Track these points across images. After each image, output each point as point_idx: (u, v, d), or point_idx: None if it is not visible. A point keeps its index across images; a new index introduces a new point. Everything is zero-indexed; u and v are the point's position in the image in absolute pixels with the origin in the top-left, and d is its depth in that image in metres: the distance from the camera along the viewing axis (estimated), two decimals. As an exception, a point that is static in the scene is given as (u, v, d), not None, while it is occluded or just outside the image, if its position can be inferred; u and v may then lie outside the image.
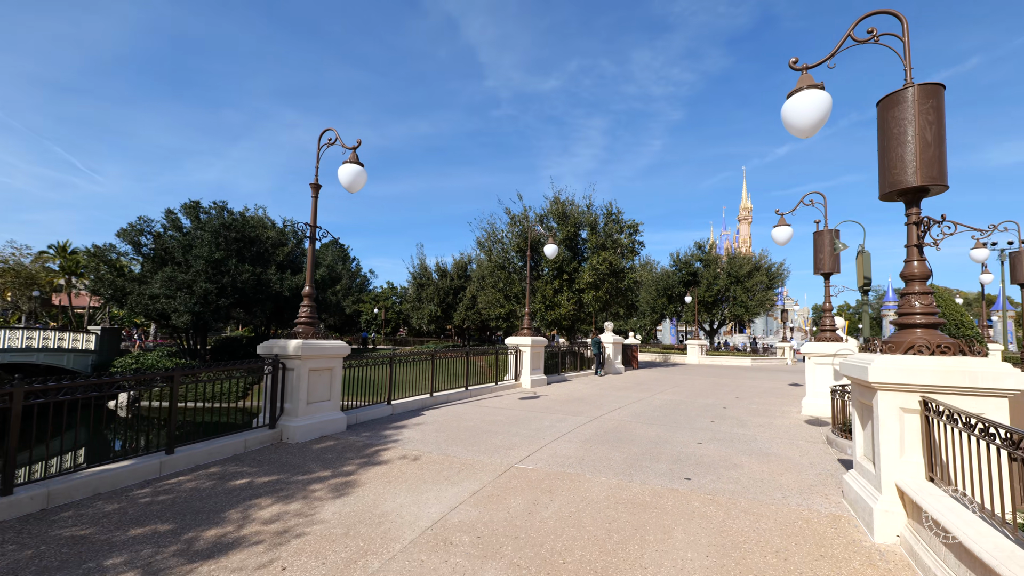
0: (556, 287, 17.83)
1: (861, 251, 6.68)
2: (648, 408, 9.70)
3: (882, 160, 4.22)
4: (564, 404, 10.04)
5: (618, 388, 13.31)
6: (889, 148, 4.12)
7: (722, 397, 11.58)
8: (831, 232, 9.40)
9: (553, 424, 7.83)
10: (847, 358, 4.36)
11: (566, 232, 18.01)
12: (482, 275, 20.36)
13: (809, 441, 6.88)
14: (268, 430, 6.43)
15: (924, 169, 3.94)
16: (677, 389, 13.23)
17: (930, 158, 3.93)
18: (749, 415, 8.97)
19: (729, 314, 32.52)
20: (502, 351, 13.04)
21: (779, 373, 20.68)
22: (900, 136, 4.05)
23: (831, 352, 8.93)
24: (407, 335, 53.14)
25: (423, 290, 34.21)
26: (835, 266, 9.28)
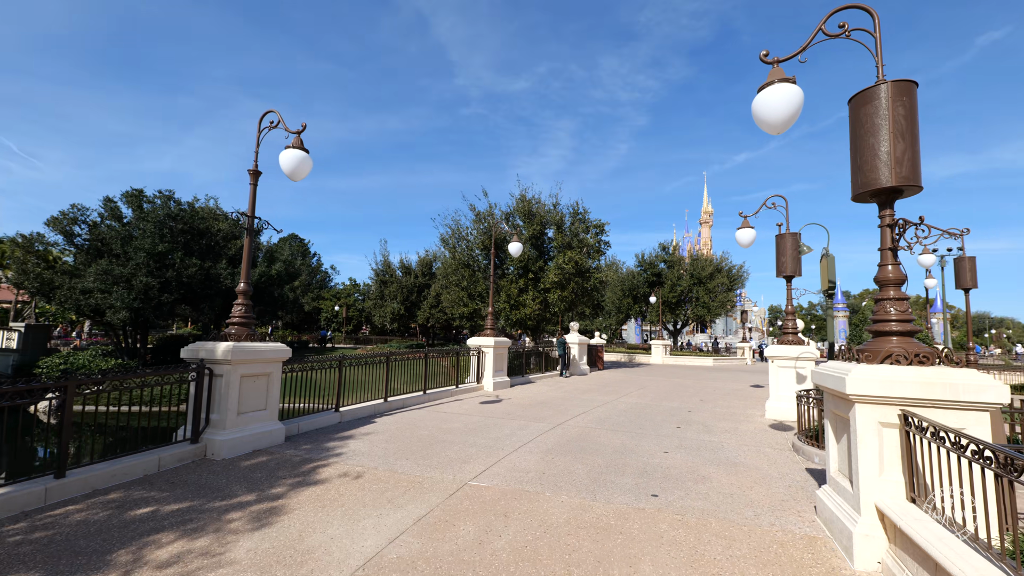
0: (521, 286, 17.44)
1: (825, 254, 6.56)
2: (613, 413, 9.41)
3: (855, 160, 3.98)
4: (527, 409, 9.62)
5: (583, 390, 13.03)
6: (862, 147, 3.88)
7: (687, 400, 11.47)
8: (794, 235, 9.38)
9: (514, 432, 7.38)
10: (821, 366, 4.10)
11: (532, 230, 17.63)
12: (446, 273, 19.76)
13: (775, 448, 6.72)
14: (190, 445, 5.67)
15: (897, 169, 3.70)
16: (642, 391, 13.07)
17: (903, 157, 3.71)
18: (714, 419, 8.82)
19: (692, 314, 33.13)
20: (463, 352, 12.51)
21: (740, 373, 21.06)
22: (873, 134, 3.80)
23: (794, 355, 8.89)
24: (370, 334, 51.63)
25: (386, 287, 33.12)
26: (797, 269, 9.26)
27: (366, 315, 39.36)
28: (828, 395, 4.08)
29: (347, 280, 49.63)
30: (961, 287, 12.93)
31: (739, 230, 9.80)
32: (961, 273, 12.90)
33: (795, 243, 9.35)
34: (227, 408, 5.88)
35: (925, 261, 13.23)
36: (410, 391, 10.11)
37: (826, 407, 4.19)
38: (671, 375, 19.06)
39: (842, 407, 3.76)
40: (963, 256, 12.95)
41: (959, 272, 12.96)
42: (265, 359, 6.31)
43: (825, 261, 6.54)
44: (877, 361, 3.56)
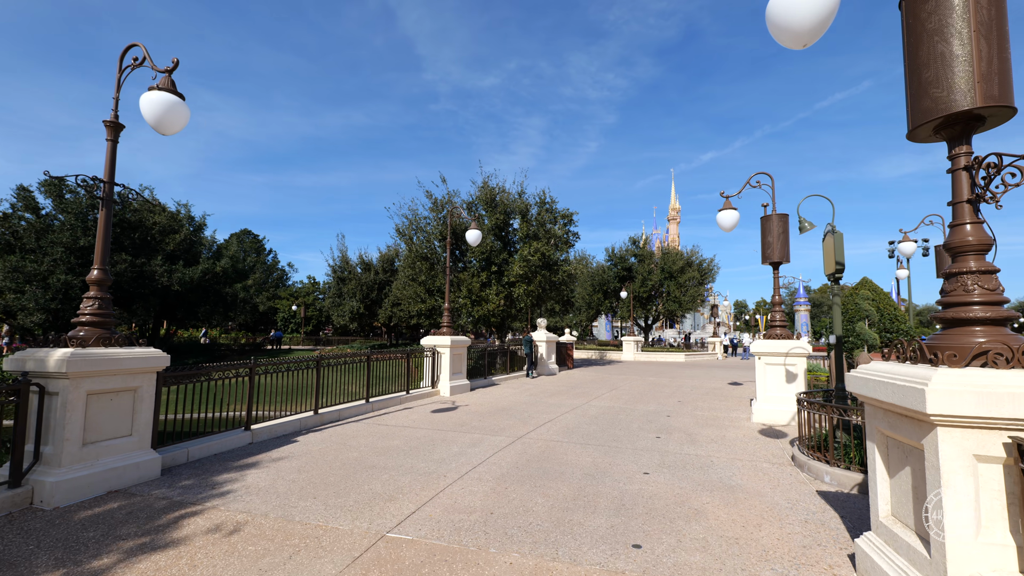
0: (484, 280, 16.11)
1: (831, 231, 5.54)
2: (583, 420, 8.23)
3: (913, 79, 2.85)
4: (485, 418, 8.32)
5: (551, 393, 11.84)
6: (924, 58, 2.75)
7: (664, 402, 10.43)
8: (781, 216, 8.43)
9: (464, 450, 6.07)
10: (863, 370, 2.97)
11: (495, 220, 16.32)
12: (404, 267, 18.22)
13: (773, 462, 5.65)
14: (7, 490, 4.10)
15: (984, 85, 2.59)
16: (615, 393, 11.99)
17: (990, 67, 2.60)
18: (697, 425, 7.75)
19: (663, 309, 32.60)
20: (416, 354, 11.09)
21: (714, 370, 20.42)
22: (942, 36, 2.67)
23: (783, 351, 7.93)
24: (332, 334, 49.18)
25: (344, 285, 31.08)
26: (785, 254, 8.32)
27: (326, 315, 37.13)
28: (877, 409, 2.94)
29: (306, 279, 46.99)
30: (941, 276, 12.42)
31: (720, 212, 8.79)
32: (942, 262, 12.40)
33: (782, 226, 8.40)
34: (64, 437, 4.32)
35: (906, 249, 12.69)
36: (349, 400, 8.65)
37: (870, 423, 3.05)
38: (644, 373, 18.16)
39: (908, 429, 2.61)
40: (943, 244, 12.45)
41: (939, 260, 12.46)
42: (127, 370, 4.76)
43: (831, 239, 5.52)
44: (962, 363, 2.43)
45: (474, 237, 11.43)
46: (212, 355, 25.98)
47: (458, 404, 9.89)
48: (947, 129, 2.80)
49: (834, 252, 5.47)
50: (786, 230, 8.38)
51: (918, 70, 2.81)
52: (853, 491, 4.63)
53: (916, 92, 2.84)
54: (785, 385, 7.93)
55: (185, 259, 25.62)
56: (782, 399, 7.90)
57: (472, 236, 11.43)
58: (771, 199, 8.63)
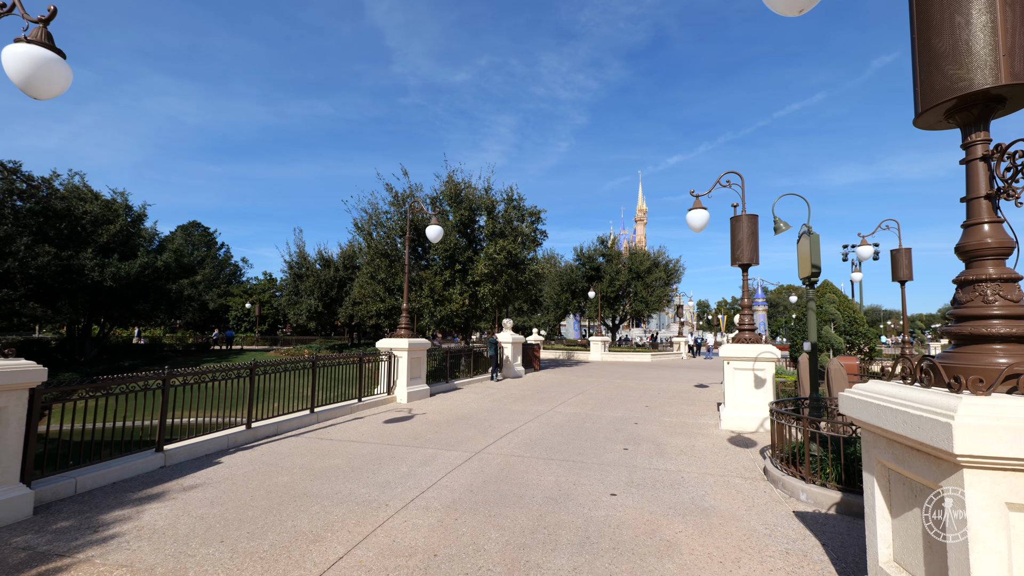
0: (447, 279, 15.41)
1: (807, 232, 5.24)
2: (548, 429, 7.73)
3: (923, 55, 2.44)
4: (442, 429, 7.70)
5: (515, 398, 11.31)
6: (938, 30, 2.35)
7: (631, 407, 10.09)
8: (751, 217, 8.20)
9: (413, 470, 5.44)
10: (867, 390, 2.55)
11: (460, 216, 15.64)
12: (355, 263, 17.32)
13: (745, 477, 5.30)
14: None
15: (1010, 61, 2.21)
16: (582, 397, 11.59)
17: (1015, 41, 2.21)
18: (665, 434, 7.39)
19: (630, 309, 32.75)
20: (370, 357, 10.31)
21: (679, 370, 20.47)
22: (958, 7, 2.29)
23: (752, 355, 7.68)
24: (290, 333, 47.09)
25: (301, 282, 29.50)
26: (754, 256, 8.09)
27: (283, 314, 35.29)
28: (879, 438, 2.53)
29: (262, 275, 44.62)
30: (897, 279, 12.68)
31: (691, 211, 8.48)
32: (898, 265, 12.64)
33: (752, 227, 8.17)
34: None
35: (864, 253, 12.88)
36: (291, 411, 7.83)
37: (869, 452, 2.64)
38: (611, 374, 17.94)
39: (921, 466, 2.19)
40: (900, 248, 12.69)
41: (896, 264, 12.69)
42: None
43: (807, 240, 5.21)
44: (989, 389, 2.02)
45: (435, 233, 10.74)
46: (152, 356, 24.07)
47: (415, 412, 9.21)
48: (962, 112, 2.40)
49: (810, 254, 5.16)
50: (755, 231, 8.15)
51: (929, 43, 2.40)
52: (831, 511, 4.30)
53: (927, 69, 2.43)
54: (754, 391, 7.69)
55: (121, 252, 23.56)
56: (751, 405, 7.65)
57: (432, 232, 10.74)
58: (741, 199, 8.39)
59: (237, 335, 41.13)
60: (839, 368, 6.02)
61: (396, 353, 10.60)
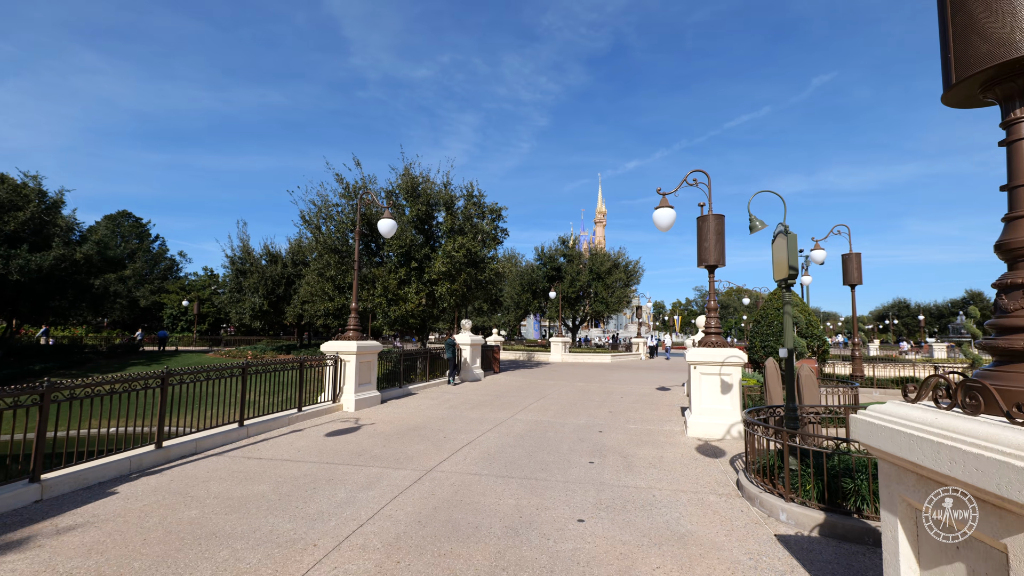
0: (402, 277, 14.53)
1: (784, 231, 4.94)
2: (507, 440, 7.16)
3: (957, 15, 2.05)
4: (391, 442, 6.96)
5: (473, 404, 10.67)
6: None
7: (595, 412, 9.69)
8: (717, 217, 7.97)
9: (353, 496, 4.72)
10: (898, 417, 2.12)
11: (417, 211, 14.78)
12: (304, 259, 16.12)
13: (719, 493, 4.93)
14: None
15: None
16: (543, 402, 11.10)
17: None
18: (632, 444, 6.99)
19: (590, 310, 32.80)
20: (313, 362, 9.38)
21: (640, 372, 20.47)
22: None
23: (719, 360, 7.42)
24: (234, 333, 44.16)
25: (245, 278, 27.43)
26: (721, 257, 7.86)
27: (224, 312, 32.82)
28: (906, 473, 2.10)
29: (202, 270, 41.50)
30: (848, 283, 13.02)
31: (657, 210, 8.16)
32: (848, 269, 12.97)
33: (719, 227, 7.94)
34: None
35: (817, 257, 13.15)
36: (215, 424, 6.86)
37: (889, 487, 2.22)
38: (573, 377, 17.63)
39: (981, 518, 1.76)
40: (850, 253, 13.04)
41: (846, 268, 13.03)
42: None
43: (783, 241, 4.91)
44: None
45: (387, 227, 9.93)
46: (69, 359, 21.57)
47: (362, 422, 8.40)
48: (1005, 84, 2.01)
49: (787, 255, 4.86)
50: (722, 232, 7.92)
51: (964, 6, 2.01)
52: (815, 533, 3.97)
53: (961, 32, 2.03)
54: (721, 396, 7.43)
55: (33, 243, 20.94)
56: (718, 411, 7.39)
57: (385, 226, 9.92)
58: (707, 199, 8.16)
59: (173, 335, 38.06)
60: (809, 374, 5.82)
61: (343, 357, 9.72)
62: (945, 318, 59.00)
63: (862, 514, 3.89)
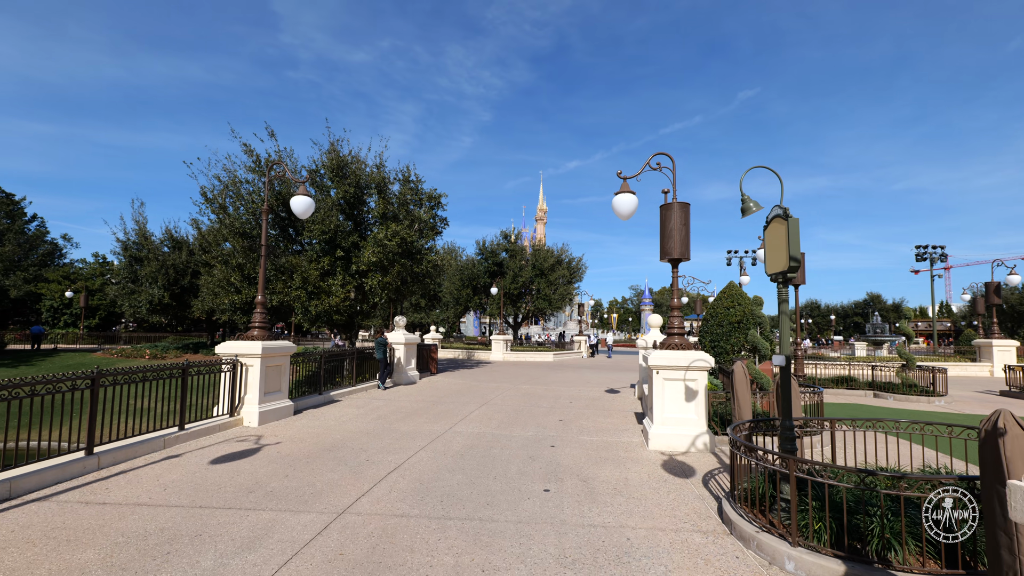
0: (326, 267, 12.71)
1: (782, 215, 4.18)
2: (444, 462, 5.96)
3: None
4: (297, 469, 5.52)
5: (406, 412, 9.33)
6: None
7: (544, 421, 8.71)
8: (682, 206, 7.24)
9: (224, 563, 3.33)
10: None
11: (344, 192, 13.01)
12: (203, 244, 13.85)
13: (705, 532, 4.07)
14: None
15: None
16: (486, 409, 9.97)
17: None
18: (591, 462, 6.06)
19: (533, 307, 32.09)
20: (203, 368, 7.60)
21: (584, 371, 19.93)
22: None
23: (685, 363, 6.69)
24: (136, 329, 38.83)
25: (141, 266, 23.64)
26: (686, 250, 7.14)
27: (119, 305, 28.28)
28: None
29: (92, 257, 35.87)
30: (792, 283, 13.08)
31: (617, 195, 7.33)
32: (791, 269, 13.01)
33: (684, 216, 7.21)
34: None
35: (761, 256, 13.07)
36: (48, 454, 5.05)
37: None
38: (516, 378, 16.67)
39: None
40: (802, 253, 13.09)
41: (790, 268, 13.07)
42: None
43: (781, 226, 4.15)
44: None
45: (302, 206, 8.32)
46: None
47: (265, 441, 6.82)
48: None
49: (787, 243, 4.10)
50: (688, 221, 7.20)
51: None
52: (831, 588, 3.17)
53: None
54: (685, 404, 6.71)
55: None
56: (682, 421, 6.66)
57: (299, 204, 8.30)
58: (672, 185, 7.41)
59: (54, 331, 32.58)
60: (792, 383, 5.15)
61: (245, 360, 8.00)
62: (849, 317, 65.15)
63: (888, 564, 3.14)
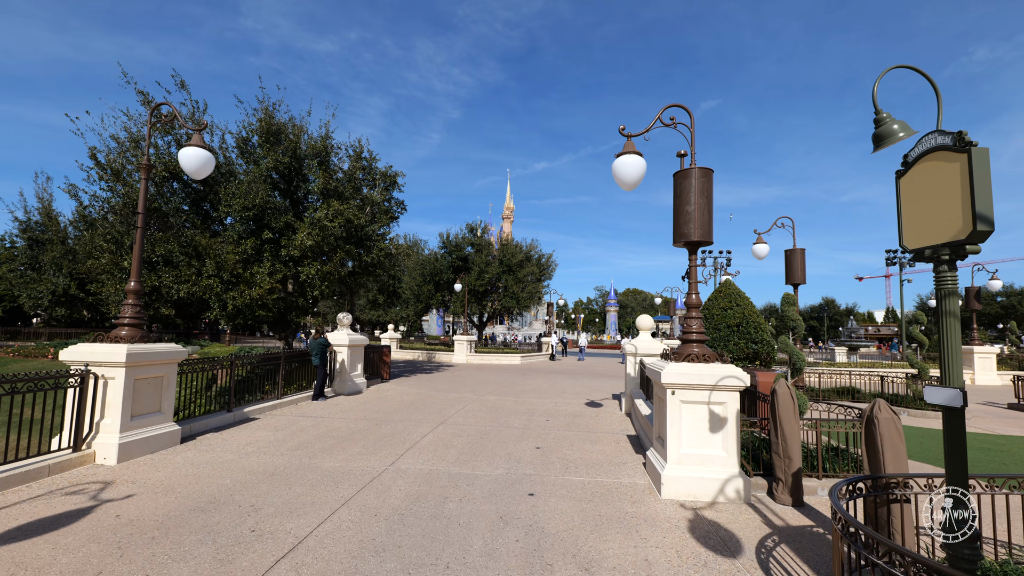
0: (249, 251, 10.31)
1: (957, 142, 2.44)
2: (372, 533, 3.96)
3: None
4: (120, 557, 3.38)
5: (337, 438, 7.22)
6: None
7: (516, 450, 6.82)
8: (703, 172, 5.54)
9: None
10: None
11: (276, 161, 10.65)
12: (82, 218, 11.18)
13: None
14: None
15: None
16: (442, 432, 7.98)
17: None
18: (588, 525, 4.21)
19: (499, 306, 30.14)
20: (33, 385, 5.24)
21: (558, 377, 18.18)
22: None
23: (710, 383, 4.96)
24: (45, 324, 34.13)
25: (43, 251, 20.00)
26: (708, 229, 5.44)
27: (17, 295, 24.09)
28: None
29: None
30: (791, 282, 11.79)
31: (620, 158, 5.67)
32: (792, 266, 11.74)
33: (705, 185, 5.50)
34: None
35: (760, 251, 11.75)
36: None
37: None
38: (481, 385, 14.71)
39: None
40: (794, 248, 11.81)
41: (790, 265, 11.79)
42: None
43: (950, 165, 2.42)
44: None
45: (195, 161, 6.07)
46: None
47: (109, 495, 4.59)
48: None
49: (968, 191, 2.36)
50: (710, 193, 5.51)
51: None
52: None
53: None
54: (709, 436, 4.99)
55: None
56: (707, 458, 4.94)
57: (190, 159, 6.05)
58: (690, 145, 5.70)
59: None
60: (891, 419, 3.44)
61: (101, 371, 5.69)
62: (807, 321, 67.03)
63: None
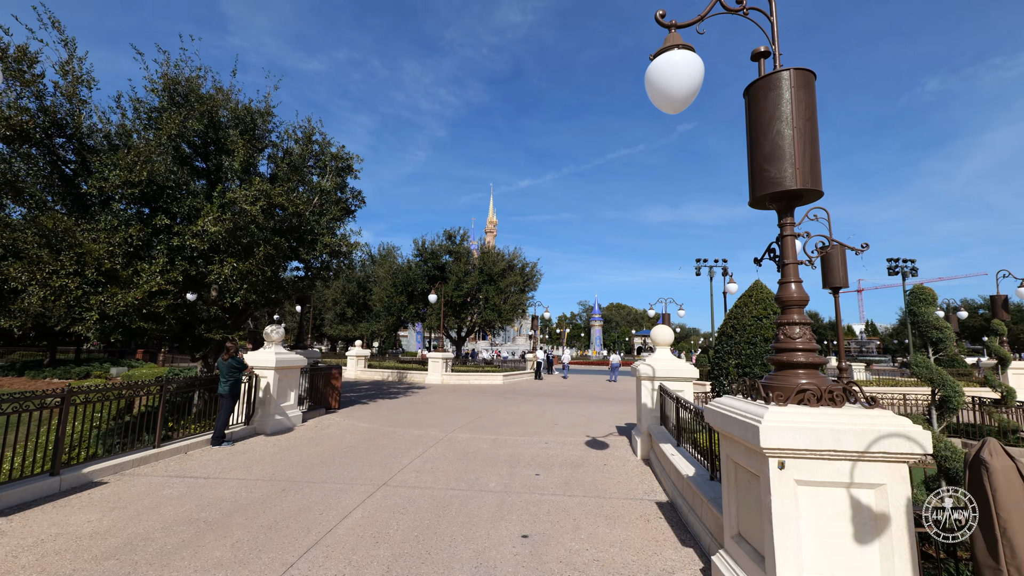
0: (135, 240, 7.60)
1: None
2: None
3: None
4: None
5: (202, 526, 4.59)
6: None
7: (492, 544, 4.29)
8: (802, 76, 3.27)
9: None
10: None
11: (182, 128, 8.06)
12: None
13: None
14: None
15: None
16: (380, 502, 5.40)
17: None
18: None
19: (479, 319, 27.60)
20: None
21: (545, 401, 15.64)
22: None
23: (855, 447, 2.57)
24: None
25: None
26: (811, 175, 3.21)
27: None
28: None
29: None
30: (830, 285, 9.66)
31: (660, 56, 3.48)
32: (831, 268, 9.61)
33: (804, 100, 3.22)
34: None
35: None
36: None
37: None
38: (454, 415, 12.10)
39: None
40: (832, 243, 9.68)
41: (828, 266, 9.66)
42: None
43: None
44: None
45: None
46: None
47: None
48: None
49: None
50: (813, 114, 3.22)
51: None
52: None
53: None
54: (856, 548, 2.58)
55: None
56: (856, 602, 2.51)
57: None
58: (771, 41, 3.45)
59: None
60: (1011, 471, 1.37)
61: None
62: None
63: None
